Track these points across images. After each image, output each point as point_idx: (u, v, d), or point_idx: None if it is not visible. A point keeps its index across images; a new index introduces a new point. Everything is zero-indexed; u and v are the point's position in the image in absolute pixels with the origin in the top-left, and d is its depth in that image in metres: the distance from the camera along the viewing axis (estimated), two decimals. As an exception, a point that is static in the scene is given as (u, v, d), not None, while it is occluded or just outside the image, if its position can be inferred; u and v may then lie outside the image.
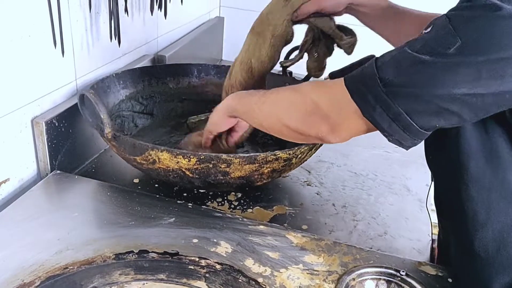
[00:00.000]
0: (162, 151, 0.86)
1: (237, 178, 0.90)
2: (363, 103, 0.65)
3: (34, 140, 0.97)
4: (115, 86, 1.11)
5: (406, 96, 0.62)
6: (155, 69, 1.24)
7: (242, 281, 0.75)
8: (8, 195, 0.94)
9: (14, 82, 0.90)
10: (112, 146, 0.94)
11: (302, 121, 0.74)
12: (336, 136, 0.72)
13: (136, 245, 0.80)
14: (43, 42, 0.94)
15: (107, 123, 0.88)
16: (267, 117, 0.81)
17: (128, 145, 0.89)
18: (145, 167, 0.91)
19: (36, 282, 0.71)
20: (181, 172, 0.88)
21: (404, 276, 0.77)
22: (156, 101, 1.21)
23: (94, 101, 0.87)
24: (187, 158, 0.86)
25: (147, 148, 0.86)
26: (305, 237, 0.86)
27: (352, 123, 0.69)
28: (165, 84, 1.24)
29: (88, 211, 0.89)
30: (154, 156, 0.87)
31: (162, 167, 0.88)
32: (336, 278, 0.77)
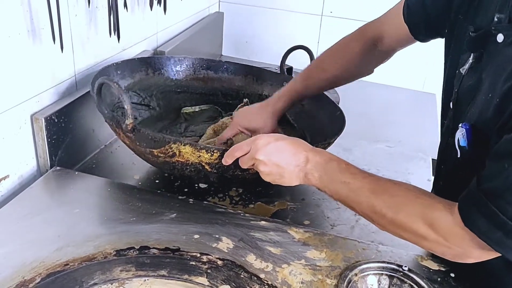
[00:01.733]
0: (185, 144, 0.85)
1: (254, 173, 0.89)
2: (506, 251, 0.62)
3: (34, 136, 0.96)
4: (115, 77, 1.10)
5: None
6: (153, 59, 1.22)
7: (244, 277, 0.74)
8: (7, 191, 0.93)
9: (13, 78, 0.89)
10: (125, 137, 0.91)
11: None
12: (464, 260, 0.69)
13: (137, 241, 0.80)
14: (42, 38, 0.93)
15: (130, 114, 0.85)
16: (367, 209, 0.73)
17: (148, 138, 0.87)
18: (161, 160, 0.89)
19: (37, 279, 0.71)
20: (200, 166, 0.87)
21: (406, 271, 0.77)
22: (153, 93, 1.20)
23: (117, 91, 0.84)
24: (210, 152, 0.85)
25: (170, 141, 0.85)
26: (307, 232, 0.86)
27: (476, 252, 0.66)
28: (162, 75, 1.22)
29: (88, 207, 0.89)
30: (175, 149, 0.85)
31: (181, 160, 0.87)
32: (338, 273, 0.77)
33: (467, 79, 0.74)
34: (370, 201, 0.72)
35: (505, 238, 0.61)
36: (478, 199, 0.62)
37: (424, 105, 1.58)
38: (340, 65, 1.03)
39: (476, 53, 0.73)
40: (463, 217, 0.64)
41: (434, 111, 1.49)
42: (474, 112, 0.71)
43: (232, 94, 1.29)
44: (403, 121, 1.46)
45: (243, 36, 1.88)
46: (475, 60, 0.73)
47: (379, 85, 1.63)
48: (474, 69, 0.73)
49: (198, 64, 1.27)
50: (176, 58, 1.25)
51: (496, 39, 0.67)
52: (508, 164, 0.59)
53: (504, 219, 0.60)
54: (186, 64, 1.26)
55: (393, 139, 1.32)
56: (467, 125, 0.70)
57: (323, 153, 0.79)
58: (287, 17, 1.82)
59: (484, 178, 0.63)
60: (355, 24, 1.06)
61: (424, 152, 1.26)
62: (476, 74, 0.72)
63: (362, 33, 1.02)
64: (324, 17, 1.79)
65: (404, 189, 0.72)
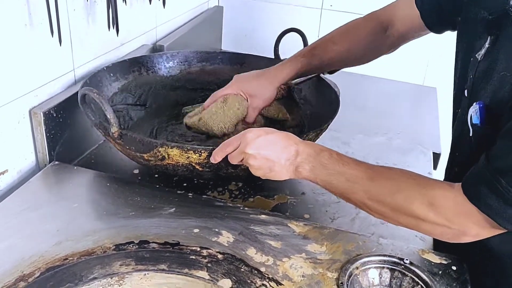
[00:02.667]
0: (172, 147, 0.84)
1: (246, 169, 0.89)
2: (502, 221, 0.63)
3: (32, 131, 0.96)
4: (107, 80, 1.09)
5: None
6: (144, 58, 1.20)
7: (244, 270, 0.74)
8: (6, 186, 0.93)
9: (11, 72, 0.89)
10: (116, 144, 0.92)
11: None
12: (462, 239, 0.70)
13: (137, 235, 0.79)
14: (40, 31, 0.92)
15: (114, 122, 0.85)
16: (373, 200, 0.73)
17: (135, 142, 0.87)
18: (152, 163, 0.89)
19: (36, 273, 0.71)
20: (191, 166, 0.87)
21: (408, 264, 0.77)
22: (148, 91, 1.19)
23: (99, 100, 0.83)
24: (198, 153, 0.84)
25: (156, 145, 0.85)
26: (307, 225, 0.85)
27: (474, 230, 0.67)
28: (155, 73, 1.21)
29: (87, 202, 0.89)
30: (164, 152, 0.85)
31: (172, 163, 0.87)
32: (339, 266, 0.76)
33: (483, 64, 0.74)
34: (366, 188, 0.71)
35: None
36: (488, 177, 0.62)
37: (425, 99, 1.57)
38: (349, 42, 1.01)
39: (493, 37, 0.72)
40: (469, 194, 0.64)
41: (435, 105, 1.48)
42: (488, 92, 0.71)
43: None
44: (403, 114, 1.45)
45: (243, 30, 1.87)
46: (491, 44, 0.73)
47: (379, 79, 1.62)
48: (490, 53, 0.73)
49: (192, 57, 1.25)
50: (168, 54, 1.23)
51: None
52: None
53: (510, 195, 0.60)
54: (179, 58, 1.24)
55: (392, 133, 1.31)
56: (481, 103, 0.70)
57: (314, 145, 0.78)
58: (287, 11, 1.81)
59: (494, 156, 0.63)
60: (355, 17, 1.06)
61: (424, 145, 1.25)
62: (492, 57, 0.72)
63: (373, 16, 1.01)
64: (324, 10, 1.78)
65: (399, 172, 0.73)
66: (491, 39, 0.73)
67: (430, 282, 0.74)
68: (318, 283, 0.73)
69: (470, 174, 0.66)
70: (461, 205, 0.65)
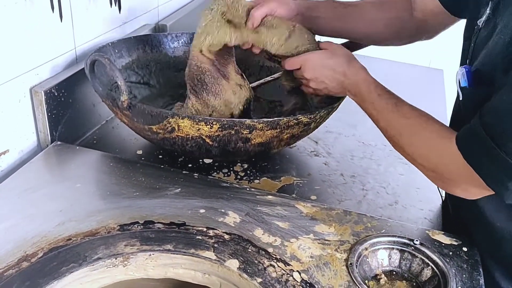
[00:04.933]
0: (183, 118, 0.82)
1: (257, 145, 0.88)
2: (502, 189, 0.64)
3: (34, 110, 0.94)
4: (111, 56, 1.07)
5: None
6: (150, 37, 1.18)
7: (251, 251, 0.73)
8: (8, 166, 0.91)
9: (11, 50, 0.86)
10: (123, 117, 0.89)
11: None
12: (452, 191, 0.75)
13: (141, 216, 0.78)
14: (40, 7, 0.90)
15: (124, 90, 0.82)
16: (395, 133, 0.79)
17: (145, 113, 0.85)
18: (160, 136, 0.87)
19: (39, 254, 0.69)
20: (200, 140, 0.85)
21: (418, 245, 0.75)
22: (152, 70, 1.16)
23: (109, 67, 0.81)
24: (209, 124, 0.82)
25: (167, 115, 0.83)
26: (315, 207, 0.84)
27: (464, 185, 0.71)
28: (160, 52, 1.19)
29: (90, 182, 0.87)
30: (174, 124, 0.83)
31: (181, 135, 0.85)
32: (348, 247, 0.75)
33: (484, 31, 0.73)
34: (387, 121, 0.80)
35: (500, 174, 0.62)
36: (477, 132, 0.64)
37: (431, 81, 1.54)
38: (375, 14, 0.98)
39: (493, 4, 0.71)
40: (461, 148, 0.66)
41: (442, 87, 1.46)
42: (482, 56, 0.71)
43: None
44: (410, 97, 1.41)
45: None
46: (492, 11, 0.72)
47: (386, 61, 1.60)
48: (490, 20, 0.72)
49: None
50: (173, 35, 1.20)
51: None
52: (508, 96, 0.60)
53: (501, 155, 0.61)
54: (183, 40, 1.22)
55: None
56: (467, 67, 0.72)
57: (359, 73, 0.86)
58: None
59: (485, 112, 0.64)
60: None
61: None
62: (492, 24, 0.71)
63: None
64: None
65: (417, 114, 0.77)
66: (492, 5, 0.72)
67: (440, 263, 0.73)
68: (327, 264, 0.72)
69: (464, 129, 0.68)
70: (455, 158, 0.67)
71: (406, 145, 0.76)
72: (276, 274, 0.69)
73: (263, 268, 0.70)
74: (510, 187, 0.62)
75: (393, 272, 0.76)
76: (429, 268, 0.74)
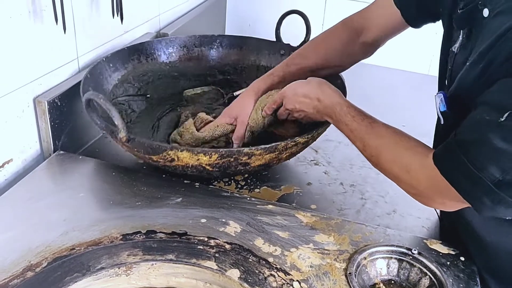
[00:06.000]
0: (182, 150, 0.83)
1: (257, 166, 0.89)
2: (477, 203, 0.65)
3: (37, 120, 0.95)
4: (107, 71, 1.08)
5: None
6: (143, 45, 1.18)
7: (252, 260, 0.74)
8: (11, 175, 0.92)
9: (16, 60, 0.88)
10: (124, 146, 0.90)
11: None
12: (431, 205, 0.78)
13: (144, 225, 0.79)
14: (43, 19, 0.91)
15: (122, 128, 0.83)
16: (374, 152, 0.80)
17: (144, 147, 0.86)
18: (161, 164, 0.88)
19: (43, 263, 0.70)
20: (200, 167, 0.86)
21: (416, 255, 0.76)
22: (149, 80, 1.17)
23: (105, 106, 0.81)
24: (208, 155, 0.84)
25: (166, 148, 0.84)
26: (314, 216, 0.85)
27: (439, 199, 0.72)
28: (155, 60, 1.19)
29: (93, 191, 0.88)
30: (173, 155, 0.84)
31: (181, 164, 0.86)
32: (347, 257, 0.76)
33: (459, 57, 0.75)
34: (363, 141, 0.81)
35: (474, 189, 0.63)
36: (452, 149, 0.66)
37: (429, 88, 1.55)
38: (322, 53, 1.03)
39: (465, 30, 0.73)
40: (438, 164, 0.68)
41: (440, 95, 1.47)
42: (457, 80, 0.73)
43: (229, 70, 1.27)
44: (408, 104, 1.44)
45: (246, 17, 1.85)
46: (466, 37, 0.74)
47: (384, 68, 1.61)
48: (465, 46, 0.73)
49: (190, 42, 1.24)
50: (167, 40, 1.21)
51: (482, 14, 0.69)
52: (482, 114, 0.62)
53: (473, 170, 0.62)
54: (178, 44, 1.22)
55: (397, 123, 1.29)
56: (443, 93, 0.74)
57: (333, 97, 0.88)
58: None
59: (460, 129, 0.66)
60: (360, 5, 1.04)
61: (429, 136, 1.24)
62: (467, 51, 0.72)
63: (345, 24, 1.02)
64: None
65: (391, 132, 0.79)
66: (464, 32, 0.74)
67: (438, 272, 0.74)
68: (326, 274, 0.73)
69: (441, 145, 0.69)
70: (432, 173, 0.68)
71: (383, 163, 0.78)
72: (277, 283, 0.70)
73: (264, 278, 0.71)
74: (485, 201, 0.63)
75: (392, 281, 0.77)
76: (427, 278, 0.75)
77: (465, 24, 0.73)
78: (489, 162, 0.61)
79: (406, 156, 0.74)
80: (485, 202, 0.63)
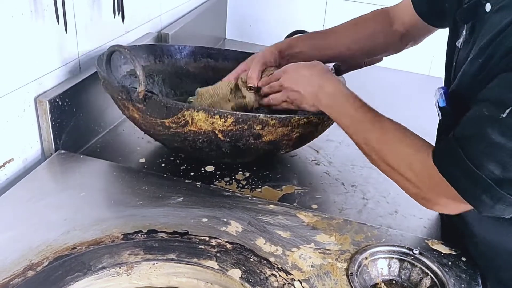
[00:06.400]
0: (199, 110, 0.83)
1: (267, 143, 0.89)
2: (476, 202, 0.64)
3: (38, 119, 0.95)
4: (118, 61, 1.07)
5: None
6: (154, 47, 1.18)
7: (253, 260, 0.74)
8: (12, 175, 0.92)
9: (17, 60, 0.87)
10: (134, 110, 0.89)
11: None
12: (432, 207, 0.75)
13: (145, 225, 0.79)
14: (45, 18, 0.91)
15: (142, 80, 0.82)
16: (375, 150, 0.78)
17: (160, 105, 0.85)
18: (172, 131, 0.87)
19: (45, 262, 0.70)
20: (212, 134, 0.86)
21: (417, 255, 0.76)
22: (155, 79, 1.17)
23: (130, 57, 0.80)
24: (224, 118, 0.83)
25: (182, 108, 0.83)
26: (316, 216, 0.85)
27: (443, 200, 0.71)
28: (162, 62, 1.19)
29: (94, 191, 0.88)
30: (188, 117, 0.83)
31: (194, 129, 0.85)
32: (348, 257, 0.76)
33: (463, 52, 0.75)
34: (364, 135, 0.78)
35: (473, 187, 0.62)
36: (451, 146, 0.65)
37: (430, 89, 1.55)
38: (356, 33, 1.01)
39: (469, 25, 0.73)
40: (436, 162, 0.67)
41: (441, 95, 1.47)
42: (459, 75, 0.72)
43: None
44: (409, 105, 1.44)
45: (247, 18, 1.86)
46: (469, 32, 0.73)
47: (385, 69, 1.60)
48: (468, 42, 0.73)
49: (198, 52, 1.24)
50: (176, 46, 1.21)
51: (485, 8, 0.69)
52: (482, 110, 0.61)
53: (472, 168, 0.61)
54: (187, 51, 1.23)
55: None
56: (444, 88, 0.73)
57: (337, 85, 0.85)
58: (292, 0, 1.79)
59: (459, 126, 0.65)
60: (362, 7, 1.05)
61: (430, 136, 1.24)
62: (469, 46, 0.72)
63: (381, 11, 1.01)
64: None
65: (395, 128, 0.77)
66: (468, 27, 0.73)
67: (440, 273, 0.74)
68: (327, 274, 0.73)
69: (440, 143, 0.69)
70: (432, 172, 0.67)
71: (383, 159, 0.75)
72: (278, 283, 0.70)
73: (265, 278, 0.71)
74: (484, 200, 0.62)
75: (393, 281, 0.77)
76: (428, 278, 0.75)
77: (468, 18, 0.73)
78: (488, 158, 0.60)
79: (407, 154, 0.72)
80: (485, 200, 0.62)
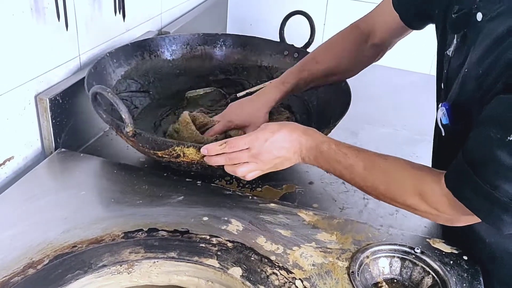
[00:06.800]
0: (189, 146, 0.83)
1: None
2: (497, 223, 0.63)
3: (38, 117, 0.95)
4: (110, 66, 1.07)
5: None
6: (147, 42, 1.18)
7: (254, 259, 0.73)
8: (12, 173, 0.92)
9: (17, 58, 0.87)
10: (129, 141, 0.90)
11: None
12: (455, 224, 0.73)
13: (145, 223, 0.79)
14: (46, 16, 0.91)
15: (129, 122, 0.83)
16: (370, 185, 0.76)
17: (150, 142, 0.86)
18: (166, 160, 0.88)
19: (45, 261, 0.70)
20: (205, 164, 0.86)
21: (419, 254, 0.76)
22: (151, 78, 1.17)
23: (113, 100, 0.81)
24: None
25: (172, 144, 0.84)
26: (316, 215, 0.85)
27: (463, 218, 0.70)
28: (158, 57, 1.19)
29: (94, 189, 0.88)
30: (179, 151, 0.84)
31: (186, 160, 0.86)
32: (349, 256, 0.76)
33: (455, 60, 0.74)
34: (362, 177, 0.76)
35: (492, 208, 0.62)
36: (463, 170, 0.64)
37: (431, 88, 1.55)
38: (333, 58, 1.02)
39: (460, 34, 0.73)
40: (450, 187, 0.66)
41: (441, 95, 1.47)
42: (456, 89, 0.72)
43: (230, 70, 1.27)
44: (410, 104, 1.44)
45: (248, 16, 1.85)
46: (460, 40, 0.73)
47: (386, 68, 1.60)
48: (460, 50, 0.73)
49: (193, 40, 1.23)
50: (170, 37, 1.21)
51: (476, 18, 0.68)
52: (488, 133, 0.61)
53: (488, 189, 0.61)
54: (181, 41, 1.22)
55: (400, 123, 1.30)
56: (447, 105, 0.72)
57: (315, 136, 0.80)
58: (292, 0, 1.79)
59: (467, 149, 0.65)
60: (362, 4, 1.04)
61: (430, 135, 1.24)
62: (462, 55, 0.72)
63: (354, 28, 1.01)
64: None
65: (394, 163, 0.75)
66: (459, 36, 0.73)
67: (441, 271, 0.74)
68: (328, 272, 0.73)
69: (451, 167, 0.68)
70: (446, 197, 0.67)
71: (394, 200, 0.74)
72: (279, 282, 0.70)
73: (266, 276, 0.71)
74: (505, 219, 0.62)
75: (394, 280, 0.76)
76: (430, 277, 0.75)
77: (459, 28, 0.73)
78: (502, 179, 0.60)
79: (418, 186, 0.70)
80: (505, 219, 0.62)
